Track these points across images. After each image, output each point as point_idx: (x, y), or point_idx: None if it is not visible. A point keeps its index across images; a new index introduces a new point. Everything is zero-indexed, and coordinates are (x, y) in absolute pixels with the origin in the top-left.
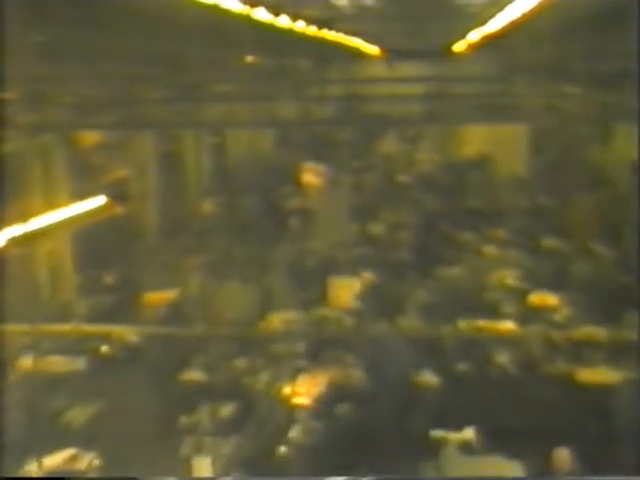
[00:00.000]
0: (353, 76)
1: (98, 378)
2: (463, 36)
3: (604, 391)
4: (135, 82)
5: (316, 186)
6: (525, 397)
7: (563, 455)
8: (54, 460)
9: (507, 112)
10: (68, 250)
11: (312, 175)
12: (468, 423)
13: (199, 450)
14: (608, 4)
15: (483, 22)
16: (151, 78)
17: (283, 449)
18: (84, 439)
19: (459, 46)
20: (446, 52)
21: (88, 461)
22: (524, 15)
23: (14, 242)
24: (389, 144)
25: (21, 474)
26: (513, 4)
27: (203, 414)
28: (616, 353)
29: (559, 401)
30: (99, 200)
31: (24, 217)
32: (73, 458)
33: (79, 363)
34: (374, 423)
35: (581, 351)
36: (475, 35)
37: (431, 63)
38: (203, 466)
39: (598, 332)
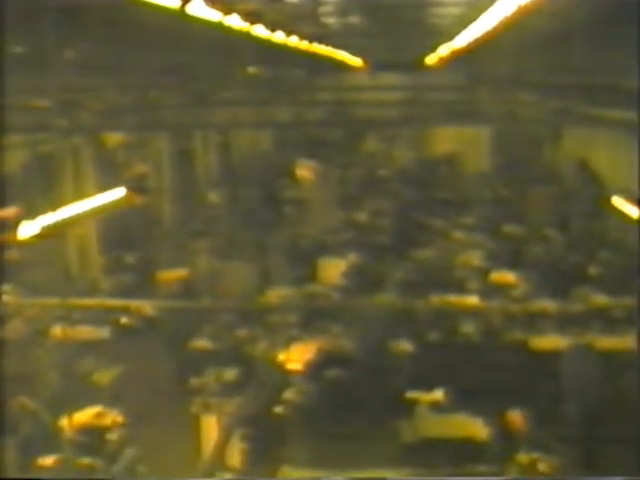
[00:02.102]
0: (340, 85)
1: (120, 345)
2: (434, 50)
3: (554, 356)
4: (152, 90)
5: (308, 179)
6: (487, 362)
7: (516, 415)
8: (83, 416)
9: (472, 116)
10: (94, 235)
11: (305, 170)
12: (438, 385)
13: (206, 409)
14: (561, 24)
15: (451, 38)
16: (166, 87)
17: (279, 408)
18: (108, 398)
19: (431, 59)
20: (420, 64)
21: (112, 418)
22: (487, 33)
23: (48, 229)
24: (371, 143)
25: (54, 429)
26: (478, 22)
27: (209, 377)
28: (565, 323)
29: (516, 365)
30: (120, 192)
31: (56, 207)
32: (99, 415)
33: (103, 332)
34: (358, 385)
35: (535, 321)
36: (444, 50)
37: (407, 74)
38: (210, 423)
39: (550, 305)
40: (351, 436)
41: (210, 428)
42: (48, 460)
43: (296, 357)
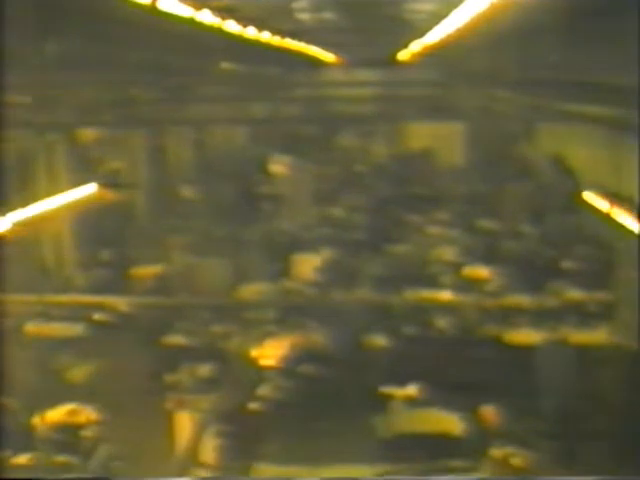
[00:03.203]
0: (314, 80)
1: (94, 342)
2: (408, 46)
3: (528, 351)
4: (127, 86)
5: (283, 175)
6: (461, 357)
7: (490, 410)
8: (57, 414)
9: (447, 112)
10: (69, 231)
11: (280, 165)
12: (413, 380)
13: (181, 405)
14: (536, 20)
15: (425, 34)
16: (141, 83)
17: (254, 405)
18: (83, 395)
19: (405, 55)
20: (394, 60)
21: (86, 415)
22: (461, 28)
23: (21, 225)
24: (346, 139)
25: (28, 427)
26: (451, 18)
27: (184, 374)
28: (539, 317)
29: (490, 360)
30: (92, 188)
31: (30, 203)
32: (73, 412)
33: (78, 329)
34: (332, 381)
35: (509, 316)
36: (419, 45)
37: (382, 70)
38: (184, 419)
39: (524, 299)
40: (326, 432)
41: (184, 424)
42: (22, 459)
43: (270, 353)
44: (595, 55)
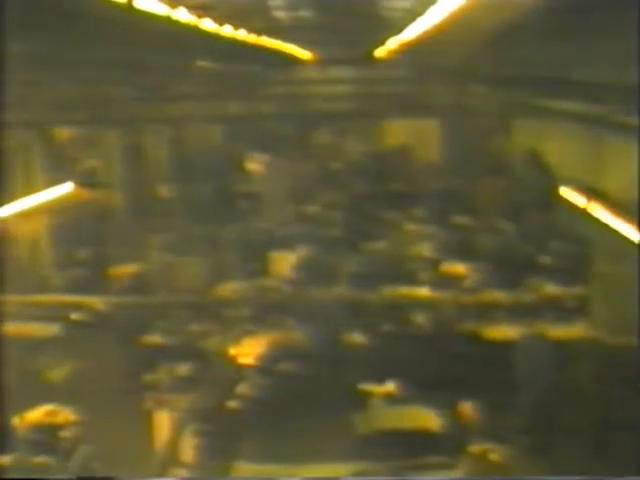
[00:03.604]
0: (291, 78)
1: (72, 342)
2: (384, 44)
3: (506, 346)
4: (103, 85)
5: (260, 173)
6: (439, 353)
7: (468, 406)
8: (35, 414)
9: (423, 109)
10: (46, 231)
11: (257, 163)
12: (391, 376)
13: (160, 405)
14: (511, 16)
15: (401, 31)
16: (117, 81)
17: (233, 403)
18: (62, 395)
19: (381, 52)
20: (370, 58)
21: (65, 415)
22: (437, 25)
23: None
24: (322, 136)
25: (7, 428)
26: (427, 15)
27: (163, 373)
28: (516, 313)
29: (468, 356)
30: (68, 187)
31: (5, 203)
32: (52, 413)
33: (55, 329)
34: (311, 379)
35: (486, 312)
36: (394, 43)
37: (358, 67)
38: (163, 419)
39: (501, 295)
40: (305, 430)
41: (163, 424)
42: (2, 460)
43: (248, 351)
44: (570, 52)
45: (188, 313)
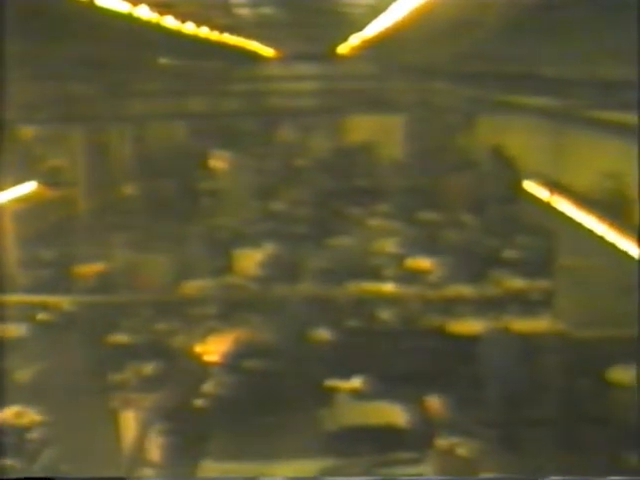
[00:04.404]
0: (254, 75)
1: (38, 342)
2: (347, 40)
3: (472, 340)
4: (66, 83)
5: (224, 170)
6: (405, 348)
7: (434, 400)
8: (1, 416)
9: (387, 105)
10: (10, 230)
11: (220, 161)
12: (357, 372)
13: (126, 404)
14: (475, 12)
15: (364, 27)
16: (79, 79)
17: (199, 401)
18: (28, 396)
19: (344, 49)
20: (333, 54)
21: (31, 417)
22: (400, 21)
23: None
24: (287, 133)
25: None
26: (390, 11)
27: (129, 372)
28: (482, 306)
29: (434, 350)
30: (33, 186)
31: None
32: (18, 414)
33: (21, 329)
34: (277, 375)
35: (452, 306)
36: (358, 39)
37: (321, 64)
38: (130, 419)
39: (466, 289)
40: (272, 427)
41: (130, 424)
42: None
43: (214, 349)
44: (533, 48)
45: (153, 311)
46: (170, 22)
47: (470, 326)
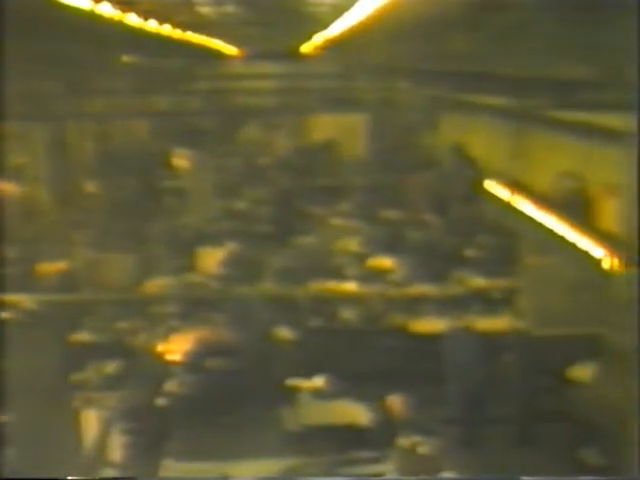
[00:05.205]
0: (217, 73)
1: (1, 341)
2: (310, 39)
3: (434, 339)
4: (27, 79)
5: (186, 169)
6: (367, 347)
7: (396, 399)
8: None
9: (349, 104)
10: None
11: (182, 159)
12: (320, 371)
13: (88, 403)
14: (437, 12)
15: (327, 26)
16: (42, 76)
17: (161, 400)
18: None
19: (307, 47)
20: (296, 53)
21: None
22: (363, 21)
23: None
24: (249, 132)
25: None
26: (353, 10)
27: (91, 371)
28: (444, 305)
29: (396, 349)
30: None
31: None
32: None
33: None
34: (239, 374)
35: (414, 305)
36: (321, 38)
37: (284, 62)
38: (91, 418)
39: (429, 288)
40: (234, 426)
41: (91, 423)
42: None
43: (176, 348)
44: (495, 47)
45: (115, 310)
46: (133, 19)
47: (432, 325)
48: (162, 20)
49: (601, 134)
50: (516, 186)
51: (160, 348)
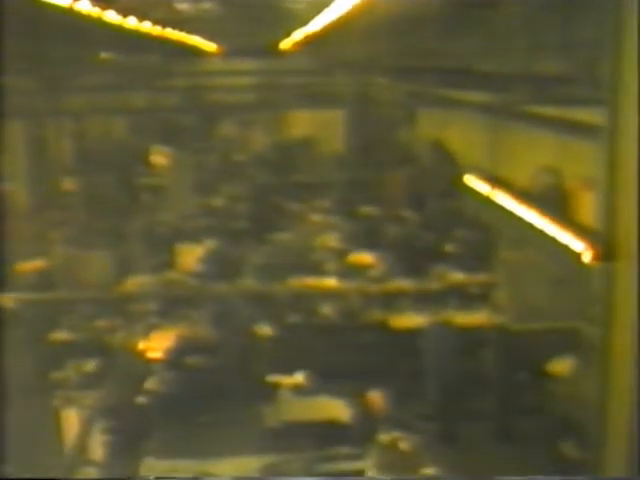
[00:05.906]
0: (195, 70)
1: None
2: (289, 35)
3: (413, 334)
4: (6, 76)
5: (164, 166)
6: (347, 343)
7: (376, 395)
8: None
9: (327, 100)
10: None
11: (160, 156)
12: (299, 368)
13: (67, 402)
14: (415, 9)
15: (305, 23)
16: (18, 73)
17: (141, 399)
18: None
19: (285, 44)
20: (274, 49)
21: None
22: (341, 17)
23: None
24: (227, 128)
25: None
26: (332, 7)
27: (70, 370)
28: (423, 301)
29: (375, 345)
30: None
31: None
32: None
33: None
34: (219, 371)
35: (393, 301)
36: (299, 34)
37: (262, 59)
38: (71, 417)
39: (407, 284)
40: (214, 423)
41: (72, 422)
42: None
43: (156, 345)
44: (473, 43)
45: (94, 308)
46: (111, 16)
47: (411, 320)
48: (141, 17)
49: (577, 129)
50: (495, 181)
51: (140, 346)
